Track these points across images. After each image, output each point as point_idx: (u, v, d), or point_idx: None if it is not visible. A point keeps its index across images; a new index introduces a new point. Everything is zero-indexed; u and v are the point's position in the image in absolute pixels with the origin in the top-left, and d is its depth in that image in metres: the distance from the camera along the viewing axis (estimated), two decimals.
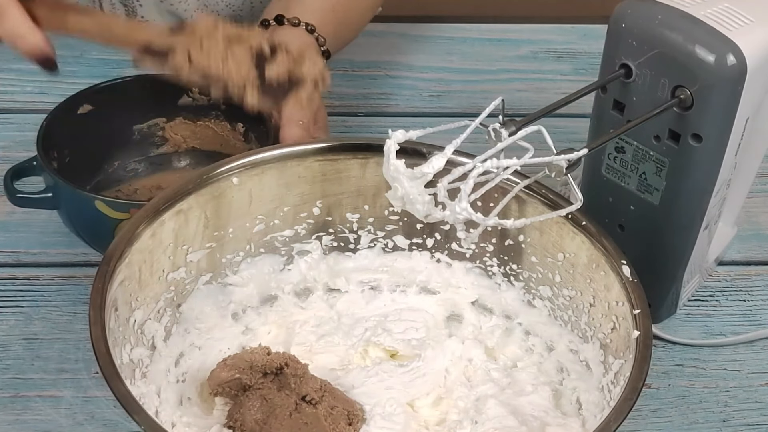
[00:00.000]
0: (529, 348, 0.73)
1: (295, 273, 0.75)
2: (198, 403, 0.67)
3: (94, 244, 0.78)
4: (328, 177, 0.73)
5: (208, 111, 0.86)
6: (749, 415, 0.72)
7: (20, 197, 0.77)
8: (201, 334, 0.70)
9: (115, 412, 0.69)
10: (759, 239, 0.86)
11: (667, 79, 0.64)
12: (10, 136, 0.92)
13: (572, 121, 0.83)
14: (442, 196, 0.57)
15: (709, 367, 0.75)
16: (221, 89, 0.71)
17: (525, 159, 0.58)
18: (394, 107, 1.00)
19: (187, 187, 0.68)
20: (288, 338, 0.73)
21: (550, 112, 0.62)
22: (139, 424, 0.54)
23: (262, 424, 0.64)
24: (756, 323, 0.79)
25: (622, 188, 0.72)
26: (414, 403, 0.69)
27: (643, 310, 0.62)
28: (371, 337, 0.73)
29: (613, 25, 0.66)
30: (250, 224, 0.72)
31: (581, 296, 0.69)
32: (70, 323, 0.75)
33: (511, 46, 1.10)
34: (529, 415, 0.67)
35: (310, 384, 0.65)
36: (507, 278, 0.74)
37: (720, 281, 0.82)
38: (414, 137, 0.59)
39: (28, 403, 0.70)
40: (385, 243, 0.76)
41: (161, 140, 0.87)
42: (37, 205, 0.78)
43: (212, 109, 0.86)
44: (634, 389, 0.58)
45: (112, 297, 0.61)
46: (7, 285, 0.78)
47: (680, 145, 0.66)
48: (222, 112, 0.86)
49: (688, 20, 0.64)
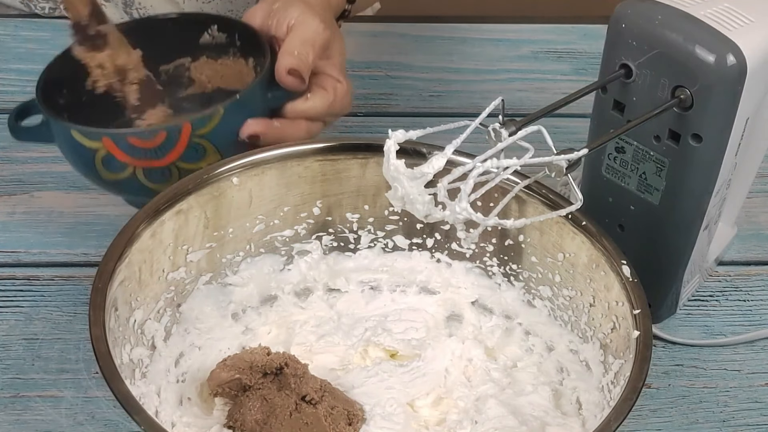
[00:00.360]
0: (529, 348, 0.73)
1: (295, 273, 0.75)
2: (198, 403, 0.67)
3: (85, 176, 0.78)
4: (328, 177, 0.73)
5: (227, 49, 0.85)
6: (749, 415, 0.72)
7: (21, 128, 0.77)
8: (201, 334, 0.70)
9: (116, 412, 0.69)
10: (759, 239, 0.86)
11: (667, 79, 0.64)
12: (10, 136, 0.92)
13: (572, 121, 0.83)
14: (442, 196, 0.57)
15: (709, 367, 0.75)
16: None
17: (525, 159, 0.58)
18: (394, 107, 1.00)
19: (187, 187, 0.68)
20: (288, 338, 0.73)
21: (550, 112, 0.62)
22: (139, 424, 0.54)
23: (262, 424, 0.64)
24: (756, 323, 0.79)
25: (622, 188, 0.72)
26: (414, 403, 0.69)
27: (643, 310, 0.62)
28: (371, 337, 0.73)
29: (613, 25, 0.66)
30: (250, 224, 0.72)
31: (581, 296, 0.69)
32: (70, 323, 0.75)
33: (511, 46, 1.10)
34: (529, 415, 0.67)
35: (310, 384, 0.65)
36: (507, 278, 0.74)
37: (720, 281, 0.82)
38: (414, 137, 0.59)
39: (28, 404, 0.70)
40: (385, 243, 0.76)
41: (188, 81, 0.86)
42: (37, 137, 0.78)
43: (230, 47, 0.84)
44: (634, 389, 0.58)
45: (112, 297, 0.61)
46: (7, 285, 0.78)
47: (680, 145, 0.66)
48: (238, 49, 0.84)
49: (688, 20, 0.64)
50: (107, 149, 0.72)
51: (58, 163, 0.89)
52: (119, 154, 0.72)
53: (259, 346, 0.68)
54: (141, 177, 0.74)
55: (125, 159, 0.73)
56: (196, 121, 0.72)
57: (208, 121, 0.73)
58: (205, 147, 0.73)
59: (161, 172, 0.73)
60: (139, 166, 0.73)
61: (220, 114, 0.73)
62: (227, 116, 0.73)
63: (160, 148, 0.72)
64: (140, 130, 0.75)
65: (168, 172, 0.73)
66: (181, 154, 0.73)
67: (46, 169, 0.89)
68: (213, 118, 0.73)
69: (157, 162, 0.73)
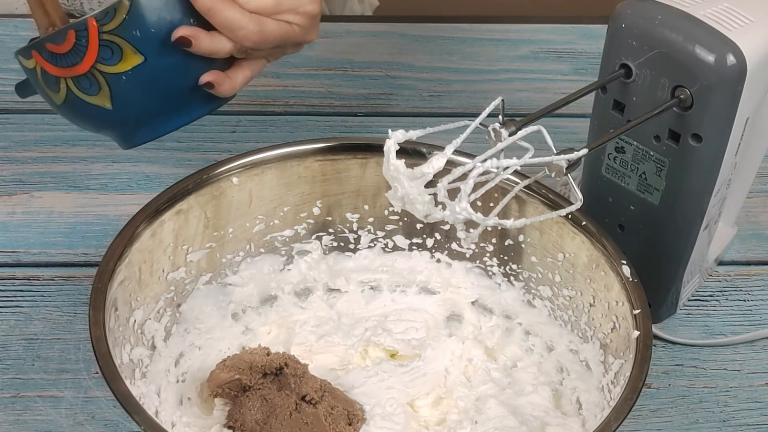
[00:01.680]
0: (529, 348, 0.73)
1: (295, 273, 0.75)
2: (198, 403, 0.67)
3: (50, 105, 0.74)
4: (328, 177, 0.73)
5: None
6: (749, 415, 0.72)
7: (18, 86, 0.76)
8: (201, 334, 0.70)
9: (116, 412, 0.69)
10: (759, 239, 0.86)
11: (667, 79, 0.64)
12: (10, 136, 0.92)
13: (572, 121, 0.83)
14: (442, 196, 0.57)
15: (709, 367, 0.75)
16: None
17: (525, 159, 0.58)
18: (394, 107, 1.00)
19: (187, 187, 0.68)
20: (288, 338, 0.73)
21: (550, 112, 0.62)
22: (139, 424, 0.54)
23: (263, 424, 0.64)
24: (756, 323, 0.79)
25: (622, 188, 0.72)
26: (414, 403, 0.69)
27: (643, 310, 0.62)
28: (371, 337, 0.73)
29: (613, 25, 0.66)
30: (250, 224, 0.72)
31: (581, 296, 0.69)
32: (70, 323, 0.75)
33: (511, 46, 1.10)
34: (529, 415, 0.67)
35: (310, 384, 0.65)
36: (507, 278, 0.74)
37: (720, 281, 0.82)
38: (414, 137, 0.59)
39: (28, 404, 0.70)
40: (385, 243, 0.76)
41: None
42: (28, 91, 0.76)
43: None
44: (634, 389, 0.58)
45: (112, 297, 0.61)
46: (7, 285, 0.78)
47: (680, 145, 0.66)
48: None
49: (688, 20, 0.64)
50: (40, 64, 0.70)
51: (58, 163, 0.89)
52: (48, 66, 0.70)
53: (258, 347, 0.68)
54: (75, 91, 0.71)
55: (54, 71, 0.70)
56: (99, 15, 0.69)
57: (113, 15, 0.69)
58: (120, 46, 0.69)
59: (88, 81, 0.70)
60: (69, 77, 0.70)
61: (126, 7, 0.68)
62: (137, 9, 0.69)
63: (75, 51, 0.69)
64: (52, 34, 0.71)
65: (95, 81, 0.70)
66: (96, 56, 0.69)
67: (46, 169, 0.89)
68: (119, 11, 0.69)
69: (79, 68, 0.70)
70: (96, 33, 0.69)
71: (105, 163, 0.89)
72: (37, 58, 0.70)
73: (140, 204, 0.67)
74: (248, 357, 0.66)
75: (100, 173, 0.89)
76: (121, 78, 0.69)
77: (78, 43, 0.69)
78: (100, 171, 0.89)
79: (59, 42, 0.70)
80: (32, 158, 0.90)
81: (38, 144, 0.91)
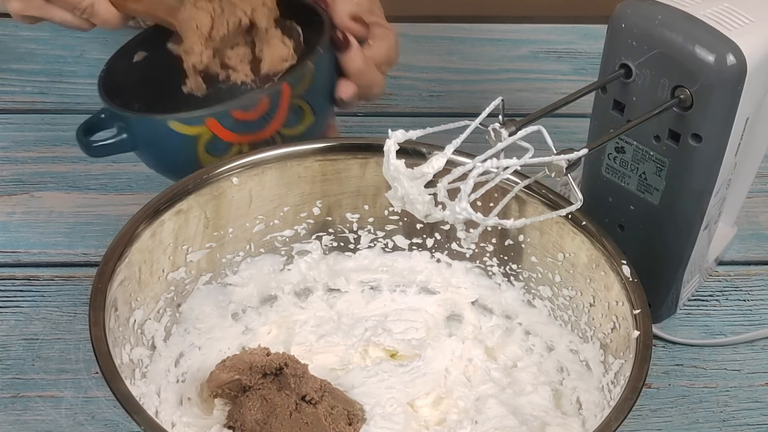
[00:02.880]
0: (529, 348, 0.73)
1: (295, 273, 0.75)
2: (198, 403, 0.67)
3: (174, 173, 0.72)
4: (328, 177, 0.73)
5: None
6: (749, 415, 0.72)
7: (97, 146, 0.73)
8: (201, 334, 0.70)
9: (116, 412, 0.69)
10: (759, 239, 0.86)
11: (667, 79, 0.64)
12: (10, 136, 0.92)
13: (572, 121, 0.83)
14: (442, 196, 0.57)
15: (709, 367, 0.75)
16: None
17: (525, 159, 0.58)
18: (394, 107, 1.00)
19: (187, 187, 0.68)
20: (288, 338, 0.73)
21: (550, 112, 0.62)
22: (139, 424, 0.54)
23: (263, 424, 0.64)
24: (756, 323, 0.79)
25: (622, 188, 0.72)
26: (414, 403, 0.69)
27: (643, 310, 0.62)
28: (371, 337, 0.73)
29: (613, 25, 0.66)
30: (250, 224, 0.72)
31: (581, 296, 0.69)
32: (70, 323, 0.75)
33: (511, 46, 1.10)
34: (529, 415, 0.67)
35: (310, 384, 0.65)
36: (507, 278, 0.74)
37: (720, 281, 0.82)
38: (414, 137, 0.59)
39: (28, 404, 0.70)
40: (385, 243, 0.76)
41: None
42: (117, 150, 0.73)
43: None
44: (634, 389, 0.58)
45: (112, 297, 0.61)
46: (7, 285, 0.78)
47: (680, 145, 0.66)
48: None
49: (688, 20, 0.64)
50: (212, 131, 0.68)
51: (58, 163, 0.89)
52: (224, 133, 0.69)
53: (258, 347, 0.68)
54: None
55: (230, 138, 0.69)
56: (292, 79, 0.68)
57: (302, 78, 0.69)
58: (303, 108, 0.70)
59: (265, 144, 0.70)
60: (244, 142, 0.69)
61: (312, 70, 0.69)
62: (317, 72, 0.69)
63: (264, 117, 0.68)
64: (243, 101, 0.70)
65: (273, 143, 0.70)
66: (283, 121, 0.69)
67: (46, 169, 0.89)
68: (306, 74, 0.69)
69: (261, 134, 0.69)
70: (288, 98, 0.69)
71: (105, 163, 0.89)
72: (213, 125, 0.68)
73: (140, 204, 0.67)
74: (248, 357, 0.66)
75: (100, 173, 0.89)
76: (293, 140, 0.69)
77: (269, 109, 0.69)
78: (100, 171, 0.89)
79: (250, 108, 0.68)
80: (32, 158, 0.90)
81: (38, 144, 0.91)
